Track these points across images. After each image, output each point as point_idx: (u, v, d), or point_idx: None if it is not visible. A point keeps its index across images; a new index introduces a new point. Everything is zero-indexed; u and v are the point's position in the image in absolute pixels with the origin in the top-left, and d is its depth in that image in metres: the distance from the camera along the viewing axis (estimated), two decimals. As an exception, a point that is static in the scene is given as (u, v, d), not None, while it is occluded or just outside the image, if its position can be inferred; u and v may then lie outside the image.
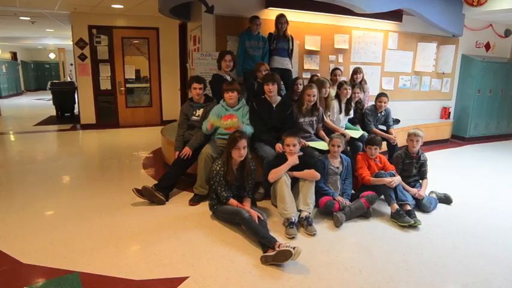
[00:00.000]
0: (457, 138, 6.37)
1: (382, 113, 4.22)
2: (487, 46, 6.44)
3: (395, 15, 5.26)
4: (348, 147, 3.69)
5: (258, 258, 2.22)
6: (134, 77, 7.12)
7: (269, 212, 3.00)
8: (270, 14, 4.45)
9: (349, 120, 4.14)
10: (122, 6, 5.85)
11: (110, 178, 4.00)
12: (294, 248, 2.13)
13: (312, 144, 3.36)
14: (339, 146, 3.05)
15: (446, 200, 3.31)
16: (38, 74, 16.39)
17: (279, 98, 3.38)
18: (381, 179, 2.99)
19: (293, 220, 2.61)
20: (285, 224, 2.63)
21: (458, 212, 3.14)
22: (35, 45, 14.64)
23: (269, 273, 2.11)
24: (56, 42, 12.67)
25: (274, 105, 3.33)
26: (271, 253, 2.17)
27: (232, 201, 2.68)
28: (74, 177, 3.96)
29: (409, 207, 2.91)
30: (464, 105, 6.29)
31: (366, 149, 3.27)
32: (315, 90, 3.38)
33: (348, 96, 3.86)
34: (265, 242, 2.29)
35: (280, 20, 4.15)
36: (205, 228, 2.70)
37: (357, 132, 3.81)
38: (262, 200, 3.18)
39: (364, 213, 2.92)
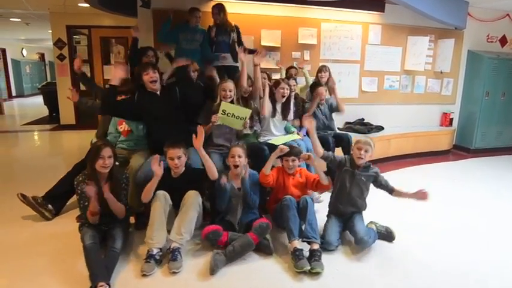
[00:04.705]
0: (461, 150, 5.37)
1: (324, 104, 3.63)
2: (503, 40, 5.34)
3: (375, 5, 4.49)
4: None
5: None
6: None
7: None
8: (216, 6, 3.94)
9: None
10: (88, 5, 5.66)
11: (37, 183, 3.75)
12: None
13: (273, 141, 3.04)
14: (240, 156, 2.46)
15: (387, 236, 2.55)
16: (65, 74, 17.27)
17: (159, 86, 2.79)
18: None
19: (153, 253, 2.12)
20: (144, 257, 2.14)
21: (393, 257, 2.34)
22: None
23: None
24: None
25: (158, 93, 2.77)
26: (83, 299, 1.72)
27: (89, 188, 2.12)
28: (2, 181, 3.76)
29: (316, 247, 2.22)
30: (471, 110, 5.27)
31: (281, 163, 2.65)
32: (230, 84, 2.89)
33: (286, 96, 3.18)
34: (90, 278, 1.84)
35: (213, 10, 3.63)
36: (64, 253, 2.28)
37: (283, 138, 3.13)
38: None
39: (265, 248, 2.31)
